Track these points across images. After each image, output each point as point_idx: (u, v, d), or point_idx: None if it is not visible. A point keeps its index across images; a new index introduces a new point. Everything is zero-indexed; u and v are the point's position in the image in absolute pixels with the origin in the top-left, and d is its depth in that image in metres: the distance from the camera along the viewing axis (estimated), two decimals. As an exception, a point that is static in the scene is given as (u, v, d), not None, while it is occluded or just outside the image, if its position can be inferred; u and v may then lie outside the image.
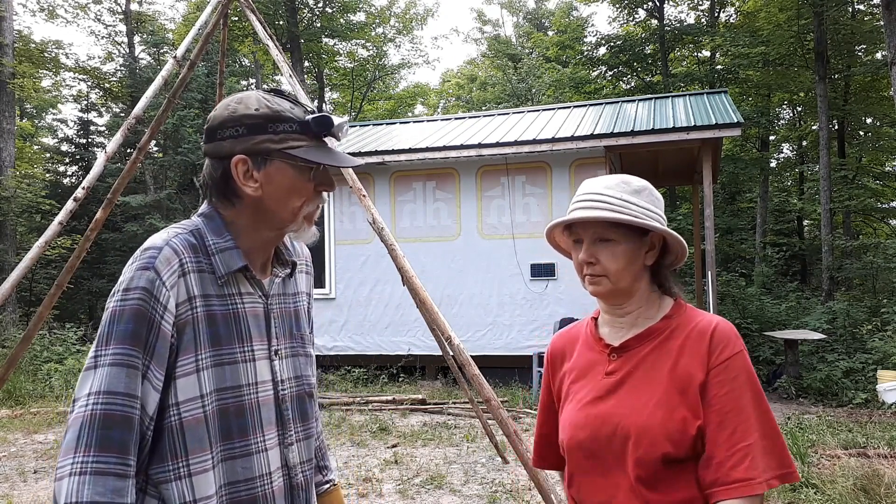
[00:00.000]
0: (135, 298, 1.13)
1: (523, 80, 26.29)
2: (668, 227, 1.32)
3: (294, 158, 1.23)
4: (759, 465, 1.19)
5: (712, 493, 1.21)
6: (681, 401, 1.24)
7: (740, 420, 1.21)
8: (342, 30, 22.26)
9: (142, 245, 1.21)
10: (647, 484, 1.23)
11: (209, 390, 1.19)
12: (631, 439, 1.25)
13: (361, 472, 5.21)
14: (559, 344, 1.51)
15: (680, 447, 1.22)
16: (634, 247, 1.32)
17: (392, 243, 4.46)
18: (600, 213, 1.29)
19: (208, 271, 1.23)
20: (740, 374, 1.25)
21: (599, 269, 1.32)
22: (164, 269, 1.16)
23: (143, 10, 21.53)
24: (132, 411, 1.10)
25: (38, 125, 24.49)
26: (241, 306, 1.26)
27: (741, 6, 18.90)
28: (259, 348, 1.27)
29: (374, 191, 9.33)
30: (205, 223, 1.27)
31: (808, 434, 5.76)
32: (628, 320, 1.37)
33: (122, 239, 16.26)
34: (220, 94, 5.67)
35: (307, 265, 1.50)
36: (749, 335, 10.52)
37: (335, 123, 1.26)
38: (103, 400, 1.09)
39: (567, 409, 1.39)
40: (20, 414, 7.62)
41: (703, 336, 1.28)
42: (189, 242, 1.22)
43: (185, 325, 1.18)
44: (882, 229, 20.90)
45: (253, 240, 1.29)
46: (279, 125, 1.23)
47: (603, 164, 8.70)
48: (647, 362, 1.31)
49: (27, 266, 4.82)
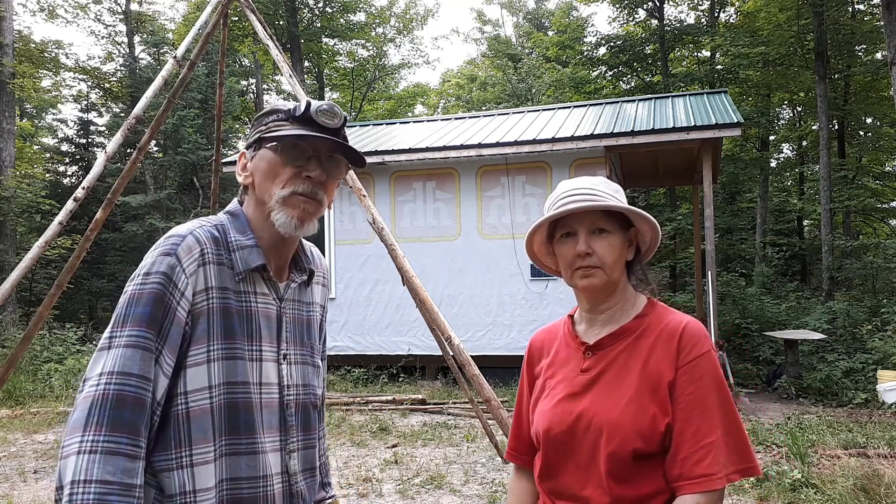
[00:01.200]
0: (154, 283, 1.15)
1: (523, 80, 26.29)
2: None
3: (270, 141, 1.26)
4: (720, 460, 1.23)
5: (677, 487, 1.26)
6: (651, 398, 1.28)
7: (705, 417, 1.26)
8: (342, 30, 22.27)
9: (164, 234, 1.24)
10: (617, 478, 1.27)
11: (218, 382, 1.19)
12: (603, 435, 1.29)
13: (361, 472, 5.21)
14: (538, 341, 1.55)
15: (650, 443, 1.26)
16: (623, 239, 1.37)
17: (392, 243, 4.47)
18: (601, 203, 1.32)
19: (228, 266, 1.24)
20: (707, 373, 1.29)
21: (595, 261, 1.34)
22: (186, 257, 1.18)
23: (143, 10, 21.54)
24: (145, 394, 1.11)
25: (38, 125, 24.47)
26: (255, 305, 1.26)
27: (741, 6, 18.89)
28: (268, 349, 1.27)
29: (374, 191, 9.34)
30: (230, 220, 1.30)
31: (808, 434, 5.76)
32: (604, 317, 1.40)
33: (122, 239, 16.27)
34: (220, 94, 5.67)
35: (324, 277, 1.49)
36: (749, 335, 10.52)
37: (313, 106, 1.25)
38: (117, 380, 1.09)
39: (542, 404, 1.42)
40: (20, 414, 7.62)
41: (673, 336, 1.32)
42: (212, 235, 1.24)
43: (200, 315, 1.19)
44: (882, 229, 20.90)
45: (265, 237, 1.29)
46: (270, 117, 1.29)
47: (603, 164, 8.70)
48: (619, 360, 1.35)
49: (27, 266, 4.83)
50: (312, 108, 1.24)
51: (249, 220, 1.30)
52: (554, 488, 1.39)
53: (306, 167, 1.25)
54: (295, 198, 1.25)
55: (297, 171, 1.25)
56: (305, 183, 1.25)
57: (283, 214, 1.24)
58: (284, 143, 1.25)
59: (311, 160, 1.26)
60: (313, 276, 1.41)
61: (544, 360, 1.49)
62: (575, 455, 1.34)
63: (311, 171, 1.25)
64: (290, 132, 1.24)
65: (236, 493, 1.20)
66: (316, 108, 1.25)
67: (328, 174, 1.28)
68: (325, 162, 1.28)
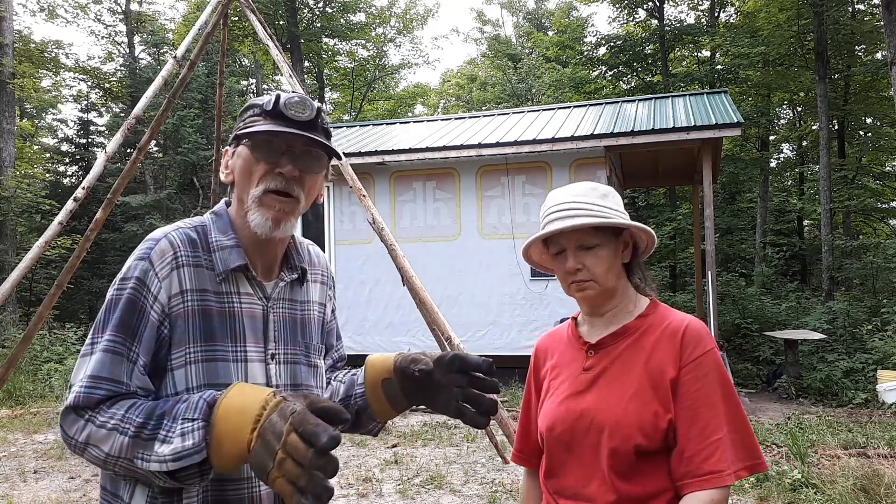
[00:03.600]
0: (129, 288, 1.18)
1: (523, 80, 26.29)
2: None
3: (244, 137, 1.24)
4: (728, 457, 1.25)
5: (684, 485, 1.26)
6: (653, 395, 1.30)
7: (711, 415, 1.27)
8: (342, 30, 22.28)
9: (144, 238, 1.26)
10: (620, 475, 1.28)
11: (196, 384, 1.18)
12: (606, 431, 1.30)
13: (361, 472, 5.21)
14: (544, 344, 1.57)
15: (652, 440, 1.27)
16: (614, 247, 1.39)
17: (392, 243, 4.47)
18: (583, 220, 1.33)
19: (207, 267, 1.23)
20: (711, 371, 1.30)
21: (587, 275, 1.36)
22: (158, 261, 1.19)
23: (143, 10, 21.55)
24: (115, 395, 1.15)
25: (38, 125, 24.47)
26: (238, 306, 1.25)
27: (741, 6, 18.90)
28: (253, 350, 1.25)
29: (374, 191, 9.33)
30: (213, 220, 1.30)
31: (808, 434, 5.76)
32: (606, 319, 1.43)
33: (122, 239, 16.27)
34: (220, 94, 5.67)
35: (323, 275, 1.46)
36: (749, 335, 10.52)
37: (282, 99, 1.23)
38: (88, 383, 1.14)
39: (547, 403, 1.44)
40: (20, 414, 7.62)
41: (676, 334, 1.33)
42: (188, 237, 1.24)
43: (177, 318, 1.19)
44: (882, 229, 20.90)
45: (247, 237, 1.28)
46: (248, 112, 1.28)
47: (603, 164, 8.70)
48: (622, 358, 1.37)
49: (27, 266, 4.83)
50: (282, 102, 1.22)
51: (232, 219, 1.29)
52: (558, 487, 1.39)
53: (279, 163, 1.23)
54: (269, 196, 1.22)
55: (270, 168, 1.23)
56: (277, 179, 1.23)
57: (259, 215, 1.22)
58: (255, 140, 1.24)
59: (285, 155, 1.23)
60: (306, 273, 1.39)
61: (549, 362, 1.51)
62: (578, 453, 1.35)
63: (283, 166, 1.23)
64: (260, 128, 1.22)
65: (221, 497, 1.19)
66: (285, 101, 1.22)
67: (303, 169, 1.25)
68: (301, 157, 1.25)
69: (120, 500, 1.20)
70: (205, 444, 1.03)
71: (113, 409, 1.11)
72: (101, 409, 1.12)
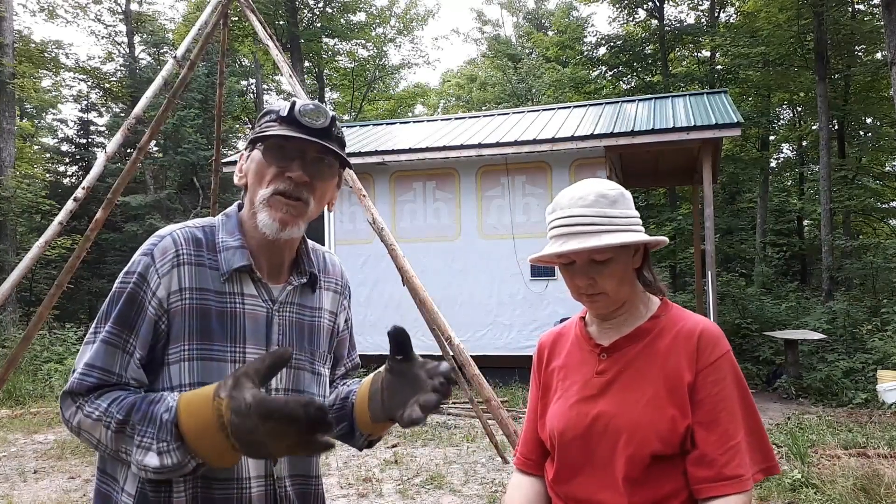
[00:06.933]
0: (131, 282, 1.21)
1: (523, 80, 26.30)
2: (644, 228, 1.35)
3: (259, 141, 1.27)
4: (746, 461, 1.24)
5: (704, 489, 1.24)
6: (670, 400, 1.27)
7: (730, 419, 1.26)
8: (342, 30, 22.28)
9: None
10: (634, 481, 1.26)
11: (190, 381, 1.19)
12: (622, 437, 1.28)
13: (361, 472, 5.21)
14: (548, 342, 1.53)
15: (669, 445, 1.25)
16: (626, 259, 1.33)
17: (392, 243, 4.47)
18: (594, 243, 1.26)
19: (211, 267, 1.25)
20: (728, 374, 1.29)
21: (598, 289, 1.32)
22: (160, 258, 1.22)
23: (143, 10, 21.52)
24: (106, 384, 1.18)
25: (38, 125, 24.45)
26: (241, 307, 1.25)
27: (741, 6, 18.88)
28: (253, 352, 1.24)
29: (374, 191, 9.33)
30: (222, 222, 1.32)
31: (808, 434, 5.75)
32: (617, 321, 1.39)
33: (122, 239, 16.26)
34: (220, 94, 5.67)
35: (337, 284, 1.46)
36: (749, 335, 10.52)
37: (297, 107, 1.24)
38: (82, 370, 1.17)
39: (556, 406, 1.40)
40: (20, 414, 7.62)
41: (691, 338, 1.31)
42: (193, 236, 1.26)
43: (175, 315, 1.21)
44: (882, 229, 20.90)
45: (255, 237, 1.28)
46: (265, 118, 1.30)
47: (603, 164, 8.71)
48: (636, 362, 1.33)
49: (27, 266, 4.83)
50: (297, 109, 1.24)
51: (242, 221, 1.31)
52: (569, 492, 1.36)
53: (289, 167, 1.24)
54: (276, 198, 1.24)
55: (280, 171, 1.25)
56: (287, 182, 1.24)
57: (266, 215, 1.24)
58: (269, 144, 1.26)
59: (295, 161, 1.25)
60: (315, 279, 1.38)
61: (555, 361, 1.47)
62: (591, 458, 1.32)
63: (292, 171, 1.24)
64: (274, 133, 1.24)
65: (208, 495, 1.19)
66: (300, 108, 1.24)
67: (313, 175, 1.26)
68: (312, 163, 1.26)
69: (116, 483, 1.22)
70: (189, 458, 1.08)
71: (99, 400, 1.15)
72: (90, 399, 1.16)
